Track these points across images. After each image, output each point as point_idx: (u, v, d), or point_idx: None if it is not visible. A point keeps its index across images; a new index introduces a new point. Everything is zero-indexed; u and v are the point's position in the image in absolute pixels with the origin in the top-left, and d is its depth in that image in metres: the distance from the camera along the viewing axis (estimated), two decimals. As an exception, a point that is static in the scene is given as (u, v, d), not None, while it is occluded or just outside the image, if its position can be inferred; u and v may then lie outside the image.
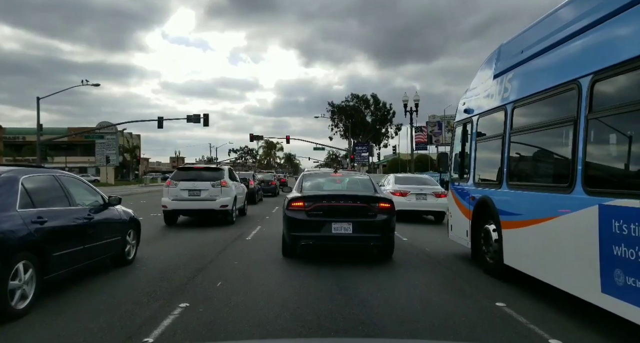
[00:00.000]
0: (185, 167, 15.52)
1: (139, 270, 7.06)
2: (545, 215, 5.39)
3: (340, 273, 7.06)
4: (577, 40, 5.02)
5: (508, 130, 6.65)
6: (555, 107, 5.58)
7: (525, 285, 6.18)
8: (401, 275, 7.09)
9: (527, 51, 6.29)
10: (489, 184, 7.31)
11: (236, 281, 6.41)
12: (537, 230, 5.62)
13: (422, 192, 14.89)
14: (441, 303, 5.52)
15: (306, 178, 9.64)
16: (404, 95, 31.38)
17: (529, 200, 5.95)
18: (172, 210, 12.91)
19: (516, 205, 6.31)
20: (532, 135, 6.14)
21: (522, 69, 6.42)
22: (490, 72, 7.53)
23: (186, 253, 8.60)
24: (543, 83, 5.75)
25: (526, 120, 6.32)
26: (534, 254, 5.79)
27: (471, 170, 8.07)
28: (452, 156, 9.29)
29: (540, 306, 5.40)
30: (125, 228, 7.23)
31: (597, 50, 4.65)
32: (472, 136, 8.11)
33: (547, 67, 5.75)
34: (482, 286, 6.49)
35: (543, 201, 5.55)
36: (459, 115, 9.06)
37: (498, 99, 7.04)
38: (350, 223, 7.59)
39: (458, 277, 7.01)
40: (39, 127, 43.18)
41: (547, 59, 5.75)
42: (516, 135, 6.47)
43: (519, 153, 6.57)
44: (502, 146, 6.77)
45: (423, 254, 8.95)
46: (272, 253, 8.76)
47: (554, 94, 5.47)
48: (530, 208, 5.90)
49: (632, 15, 4.10)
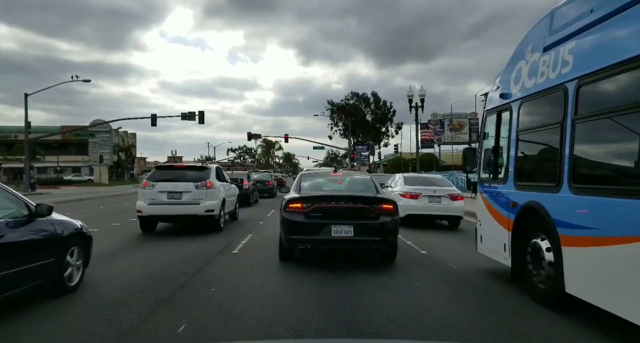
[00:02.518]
0: (165, 165, 13.73)
1: (80, 303, 5.33)
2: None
3: (354, 309, 5.38)
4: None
5: (570, 116, 4.98)
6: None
7: (595, 320, 4.53)
8: (429, 306, 5.41)
9: (602, 9, 4.63)
10: (539, 187, 5.64)
11: (209, 322, 4.69)
12: (627, 251, 3.97)
13: (436, 194, 13.21)
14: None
15: (305, 178, 8.97)
16: (408, 90, 29.72)
17: (611, 210, 4.29)
18: (149, 215, 11.15)
19: (587, 216, 4.64)
20: (611, 120, 4.47)
21: (592, 33, 4.75)
22: (539, 44, 5.86)
23: (153, 273, 6.91)
24: (629, 49, 4.10)
25: (601, 100, 4.66)
26: (621, 284, 4.13)
27: (510, 168, 6.41)
28: (481, 151, 7.61)
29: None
30: (65, 246, 5.54)
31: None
32: (511, 126, 6.44)
33: (636, 25, 4.10)
34: (539, 323, 4.82)
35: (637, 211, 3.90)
36: (490, 102, 7.39)
37: (553, 77, 5.37)
38: (351, 226, 7.14)
39: (503, 308, 5.34)
40: (26, 125, 41.61)
41: (636, 15, 4.10)
42: (584, 121, 4.80)
43: (590, 145, 4.92)
44: (561, 136, 5.10)
45: (450, 273, 7.25)
46: (263, 272, 7.10)
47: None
48: (613, 220, 4.24)
49: None
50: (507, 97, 6.61)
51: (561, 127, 5.12)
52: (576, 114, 4.90)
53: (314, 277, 6.71)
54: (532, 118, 6.01)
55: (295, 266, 7.49)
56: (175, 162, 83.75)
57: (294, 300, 5.54)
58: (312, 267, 7.37)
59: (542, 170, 5.86)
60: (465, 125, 65.58)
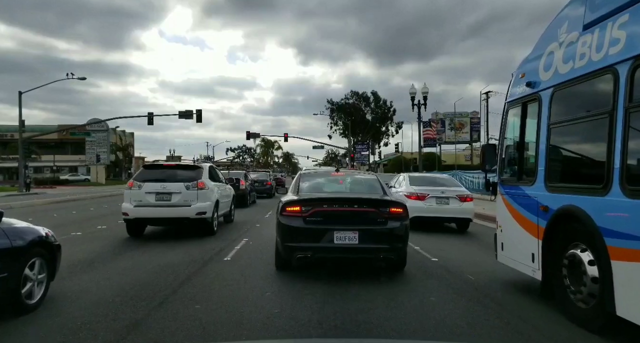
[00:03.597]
0: (154, 164, 12.81)
1: (35, 326, 4.48)
2: None
3: (363, 334, 4.56)
4: None
5: (622, 104, 4.16)
6: None
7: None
8: (451, 328, 4.58)
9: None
10: (579, 189, 4.81)
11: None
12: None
13: (444, 195, 12.36)
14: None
15: (304, 178, 8.16)
16: (411, 87, 28.83)
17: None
18: (135, 218, 10.30)
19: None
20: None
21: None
22: (577, 22, 5.03)
23: (131, 286, 6.07)
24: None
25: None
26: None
27: (540, 167, 5.57)
28: (502, 148, 6.78)
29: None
30: (23, 259, 4.70)
31: None
32: (540, 119, 5.61)
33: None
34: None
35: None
36: (511, 93, 6.56)
37: (598, 58, 4.54)
38: (355, 232, 6.37)
39: (537, 332, 4.51)
40: (20, 123, 40.81)
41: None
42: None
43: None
44: (610, 129, 4.28)
45: (467, 286, 6.42)
46: (256, 284, 6.27)
47: None
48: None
49: None
50: (535, 86, 5.78)
51: (610, 117, 4.29)
52: (630, 101, 4.08)
53: (314, 290, 5.89)
54: (568, 108, 5.18)
55: (292, 277, 6.68)
56: (174, 161, 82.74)
57: (291, 321, 4.70)
58: (311, 278, 6.55)
59: (583, 169, 5.04)
60: (466, 124, 64.85)
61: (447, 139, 64.92)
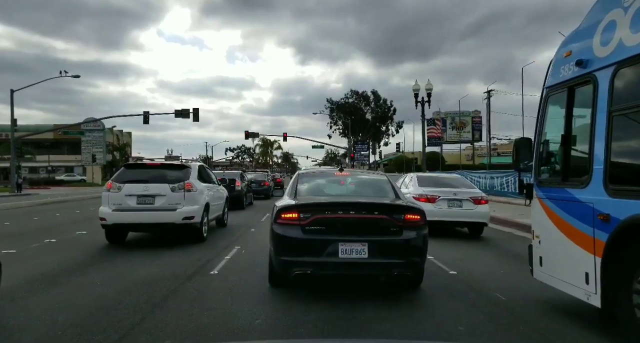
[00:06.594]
0: (135, 163, 11.76)
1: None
2: None
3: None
4: None
5: None
6: None
7: None
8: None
9: None
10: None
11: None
12: None
13: (456, 197, 11.26)
14: None
15: (302, 179, 7.07)
16: (414, 84, 27.68)
17: None
18: (114, 224, 9.17)
19: None
20: None
21: None
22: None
23: (90, 312, 4.93)
24: None
25: None
26: None
27: (596, 165, 4.46)
28: (540, 142, 5.66)
29: None
30: None
31: None
32: (595, 105, 4.50)
33: None
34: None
35: None
36: (553, 76, 5.43)
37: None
38: (364, 244, 5.32)
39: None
40: (12, 122, 39.81)
41: None
42: None
43: None
44: None
45: (500, 309, 5.29)
46: (245, 307, 5.16)
47: None
48: None
49: None
50: (589, 65, 4.67)
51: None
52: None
53: (314, 316, 4.80)
54: (638, 90, 4.08)
55: (289, 296, 5.60)
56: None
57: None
58: (311, 299, 5.47)
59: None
60: (467, 123, 63.82)
61: (449, 138, 63.90)
